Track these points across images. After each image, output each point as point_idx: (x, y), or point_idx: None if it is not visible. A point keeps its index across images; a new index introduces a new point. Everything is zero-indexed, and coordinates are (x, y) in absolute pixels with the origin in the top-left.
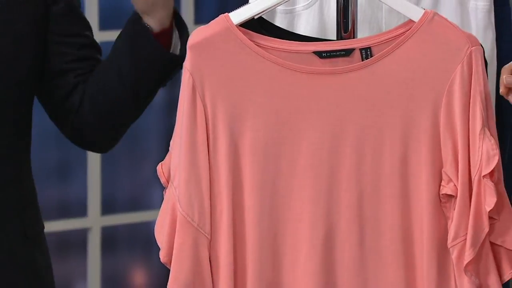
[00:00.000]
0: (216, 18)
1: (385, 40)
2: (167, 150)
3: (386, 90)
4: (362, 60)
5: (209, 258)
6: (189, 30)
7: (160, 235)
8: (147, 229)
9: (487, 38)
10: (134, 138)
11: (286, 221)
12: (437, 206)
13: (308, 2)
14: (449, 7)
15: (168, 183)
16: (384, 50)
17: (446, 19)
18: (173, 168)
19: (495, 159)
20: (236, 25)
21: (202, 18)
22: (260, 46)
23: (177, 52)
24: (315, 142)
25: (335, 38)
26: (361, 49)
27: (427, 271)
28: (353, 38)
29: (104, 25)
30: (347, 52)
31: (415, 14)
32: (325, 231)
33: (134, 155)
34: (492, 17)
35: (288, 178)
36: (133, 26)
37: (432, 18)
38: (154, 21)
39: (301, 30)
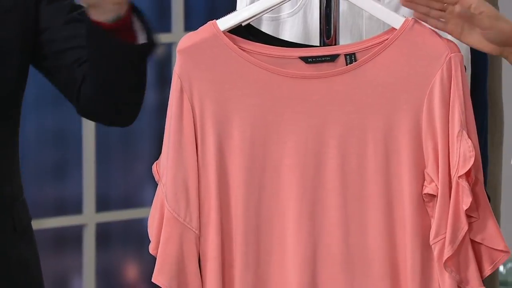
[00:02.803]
0: (204, 25)
1: (369, 46)
2: (159, 150)
3: (369, 94)
4: (347, 65)
5: (199, 252)
6: (179, 37)
7: (150, 229)
8: (140, 225)
9: (462, 44)
10: (128, 138)
11: (272, 218)
12: (420, 205)
13: (293, 10)
14: None
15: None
16: (367, 56)
17: (426, 27)
18: (162, 166)
19: (471, 160)
20: (223, 31)
21: (191, 25)
22: (246, 51)
23: (143, 39)
24: (300, 143)
25: (318, 44)
26: (345, 55)
27: (411, 268)
28: (335, 44)
29: None
30: (332, 58)
31: (396, 21)
32: (310, 229)
33: (128, 155)
34: None
35: (274, 177)
36: (86, 25)
37: (412, 25)
38: (105, 13)
39: (286, 36)
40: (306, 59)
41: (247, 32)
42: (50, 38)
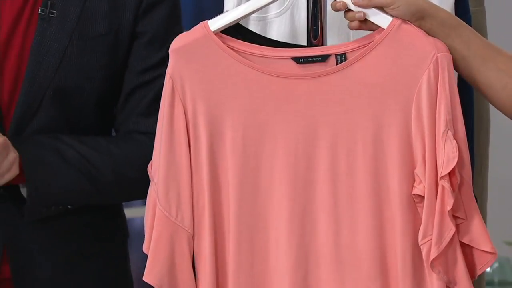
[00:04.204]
0: (196, 26)
1: (359, 46)
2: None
3: (358, 94)
4: (337, 65)
5: (193, 251)
6: None
7: (145, 228)
8: (130, 225)
9: None
10: None
11: (265, 218)
12: (410, 206)
13: (280, 10)
14: None
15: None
16: (356, 56)
17: (413, 26)
18: (154, 166)
19: (454, 161)
20: (214, 32)
21: None
22: (237, 52)
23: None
24: (291, 143)
25: (305, 44)
26: (336, 55)
27: (401, 269)
28: (322, 44)
29: None
30: (323, 58)
31: (384, 21)
32: (302, 229)
33: None
34: None
35: (266, 177)
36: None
37: (399, 25)
38: None
39: (273, 36)
40: (297, 60)
41: (236, 31)
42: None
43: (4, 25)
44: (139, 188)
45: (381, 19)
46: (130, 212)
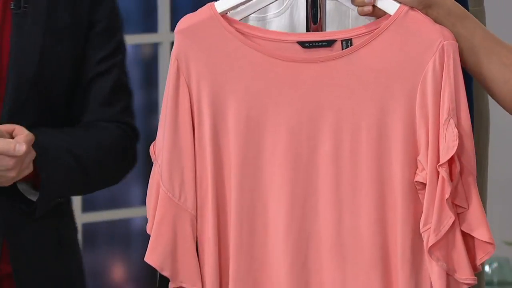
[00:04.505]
0: (203, 7)
1: (366, 32)
2: (146, 150)
3: (363, 79)
4: (342, 50)
5: (197, 232)
6: (165, 37)
7: (148, 209)
8: (127, 225)
9: None
10: None
11: (266, 201)
12: (412, 193)
13: (279, 10)
14: None
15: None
16: (362, 41)
17: (420, 13)
18: (158, 147)
19: (454, 149)
20: (220, 13)
21: None
22: (243, 34)
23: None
24: (294, 127)
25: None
26: (342, 40)
27: (401, 255)
28: None
29: None
30: (329, 43)
31: (391, 8)
32: (303, 213)
33: None
34: None
35: (269, 160)
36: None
37: (407, 12)
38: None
39: None
40: (303, 44)
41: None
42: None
43: None
44: (115, 176)
45: (389, 5)
46: (130, 212)
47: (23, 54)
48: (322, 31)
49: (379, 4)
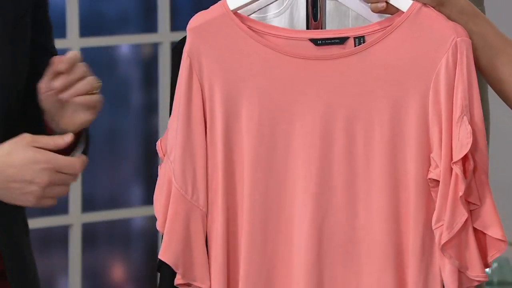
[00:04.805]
0: (215, 4)
1: (379, 29)
2: (146, 150)
3: (376, 76)
4: (355, 47)
5: (206, 230)
6: (165, 37)
7: (157, 206)
8: (126, 225)
9: None
10: (114, 139)
11: (279, 198)
12: (425, 190)
13: (279, 10)
14: None
15: (165, 157)
16: (374, 38)
17: (433, 10)
18: (170, 144)
19: (468, 146)
20: (232, 10)
21: (178, 25)
22: (255, 31)
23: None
24: (307, 124)
25: None
26: (355, 38)
27: (412, 252)
28: None
29: (85, 32)
30: (342, 40)
31: (404, 4)
32: (316, 210)
33: (114, 155)
34: None
35: (282, 158)
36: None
37: (419, 8)
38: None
39: None
40: (315, 41)
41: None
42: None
43: None
44: None
45: (401, 2)
46: (130, 212)
47: None
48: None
49: (392, 1)
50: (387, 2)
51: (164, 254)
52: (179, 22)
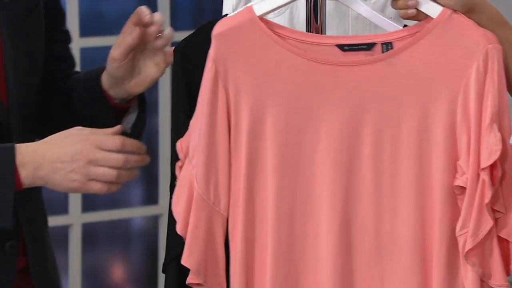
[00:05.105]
0: (241, 10)
1: (406, 35)
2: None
3: (404, 83)
4: (383, 54)
5: (228, 235)
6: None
7: (177, 208)
8: (126, 225)
9: None
10: None
11: (306, 204)
12: (451, 197)
13: (279, 10)
14: None
15: (185, 159)
16: (403, 44)
17: (464, 17)
18: (192, 147)
19: (497, 154)
20: (258, 16)
21: (178, 25)
22: (282, 37)
23: (128, 128)
24: (334, 130)
25: None
26: (382, 44)
27: (437, 259)
28: None
29: (85, 32)
30: (369, 46)
31: (434, 11)
32: (343, 216)
33: None
34: None
35: (308, 163)
36: (96, 83)
37: (450, 15)
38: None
39: None
40: (342, 47)
41: None
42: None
43: None
44: None
45: (431, 8)
46: (130, 212)
47: (15, 44)
48: (322, 30)
49: (423, 8)
50: (417, 9)
51: (187, 260)
52: (179, 22)
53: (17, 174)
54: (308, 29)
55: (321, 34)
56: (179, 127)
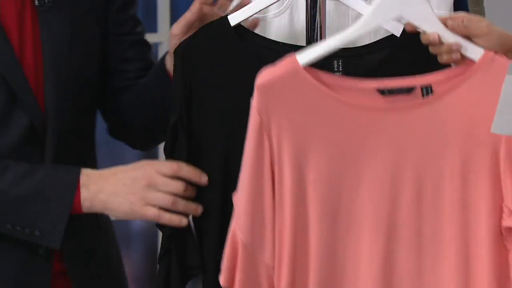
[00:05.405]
0: (284, 60)
1: (446, 78)
2: (145, 152)
3: (447, 126)
4: (423, 97)
5: (273, 284)
6: (165, 37)
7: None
8: (126, 225)
9: None
10: (113, 140)
11: (347, 252)
12: (498, 239)
13: (279, 10)
14: None
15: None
16: (445, 88)
17: (506, 59)
18: (236, 198)
19: None
20: (302, 66)
21: None
22: (324, 84)
23: None
24: (376, 177)
25: (304, 44)
26: (422, 87)
27: None
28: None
29: None
30: (409, 90)
31: (475, 53)
32: (384, 263)
33: (113, 156)
34: None
35: (350, 210)
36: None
37: (492, 58)
38: None
39: (272, 36)
40: (382, 91)
41: (236, 33)
42: (109, 51)
43: (11, 17)
44: None
45: (472, 50)
46: None
47: (55, 48)
48: (322, 30)
49: (468, 52)
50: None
51: None
52: None
53: (77, 195)
54: (308, 29)
55: (321, 34)
56: (167, 128)
